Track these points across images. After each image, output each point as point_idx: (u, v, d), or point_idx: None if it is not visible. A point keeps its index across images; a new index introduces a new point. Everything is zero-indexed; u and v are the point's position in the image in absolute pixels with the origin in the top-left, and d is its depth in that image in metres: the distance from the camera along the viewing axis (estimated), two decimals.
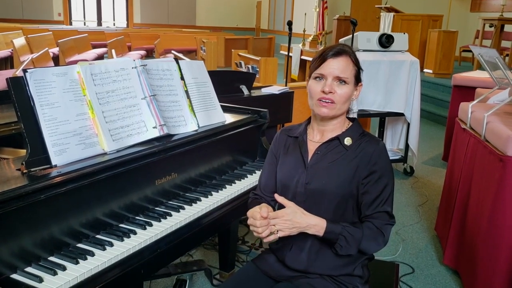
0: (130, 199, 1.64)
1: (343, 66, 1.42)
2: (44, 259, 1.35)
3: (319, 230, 1.38)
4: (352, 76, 1.44)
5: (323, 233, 1.38)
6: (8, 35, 9.11)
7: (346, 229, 1.38)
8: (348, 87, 1.44)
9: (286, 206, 1.37)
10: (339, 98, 1.43)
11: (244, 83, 3.38)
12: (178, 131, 1.89)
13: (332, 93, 1.42)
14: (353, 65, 1.45)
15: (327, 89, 1.42)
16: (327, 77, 1.43)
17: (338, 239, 1.38)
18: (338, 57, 1.43)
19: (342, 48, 1.45)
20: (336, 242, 1.39)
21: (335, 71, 1.42)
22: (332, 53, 1.43)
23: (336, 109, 1.44)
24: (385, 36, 4.14)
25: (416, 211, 3.60)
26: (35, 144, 1.44)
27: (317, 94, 1.44)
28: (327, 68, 1.43)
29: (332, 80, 1.43)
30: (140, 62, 1.83)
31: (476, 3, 11.32)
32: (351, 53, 1.46)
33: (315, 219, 1.38)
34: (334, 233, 1.38)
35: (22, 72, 1.47)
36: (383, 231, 1.43)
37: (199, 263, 2.46)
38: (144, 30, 15.21)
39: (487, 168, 2.32)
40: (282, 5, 16.62)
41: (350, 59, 1.44)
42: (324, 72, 1.43)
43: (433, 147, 5.41)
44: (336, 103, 1.43)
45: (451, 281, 2.63)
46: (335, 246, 1.40)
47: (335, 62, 1.42)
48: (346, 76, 1.43)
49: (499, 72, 2.74)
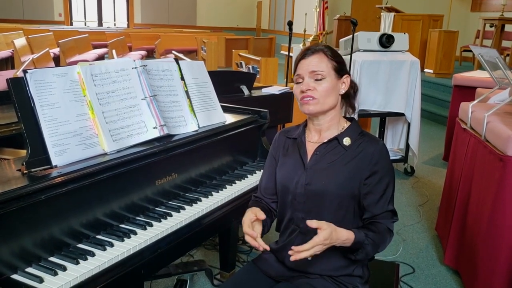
0: (130, 199, 1.64)
1: (316, 62, 1.45)
2: (45, 259, 1.36)
3: (348, 243, 1.36)
4: (329, 69, 1.45)
5: (350, 245, 1.37)
6: (9, 36, 9.11)
7: (368, 236, 1.39)
8: (326, 81, 1.45)
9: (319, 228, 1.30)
10: (320, 94, 1.44)
11: (245, 83, 3.38)
12: (178, 132, 1.89)
13: (311, 90, 1.44)
14: (328, 59, 1.46)
15: (304, 87, 1.45)
16: (303, 76, 1.46)
17: (361, 247, 1.38)
18: (310, 56, 1.46)
19: (313, 47, 1.49)
20: (358, 250, 1.39)
21: (308, 67, 1.45)
22: (304, 53, 1.47)
23: (320, 103, 1.45)
24: (386, 36, 4.14)
25: (417, 211, 3.60)
26: (35, 145, 1.44)
27: (298, 95, 1.48)
28: (301, 67, 1.47)
29: (308, 77, 1.45)
30: (140, 62, 1.83)
31: (476, 3, 11.31)
32: (325, 49, 1.48)
33: (345, 233, 1.35)
34: (359, 243, 1.38)
35: (22, 72, 1.47)
36: (391, 228, 1.45)
37: (199, 263, 2.46)
38: (145, 30, 15.21)
39: (487, 168, 2.32)
40: (283, 5, 16.61)
41: (323, 54, 1.46)
42: (299, 72, 1.47)
43: (434, 147, 5.41)
44: (318, 98, 1.44)
45: (452, 281, 2.63)
46: (355, 253, 1.40)
47: (308, 61, 1.46)
48: (320, 70, 1.44)
49: (499, 72, 2.74)
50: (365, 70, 4.06)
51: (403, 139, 4.47)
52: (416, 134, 4.28)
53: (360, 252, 1.40)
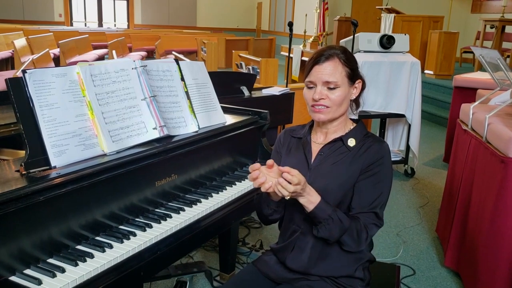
0: (130, 200, 1.63)
1: (331, 70, 1.41)
2: (43, 261, 1.35)
3: (312, 202, 1.34)
4: (342, 77, 1.42)
5: (313, 208, 1.34)
6: (9, 36, 9.11)
7: (336, 213, 1.36)
8: (340, 90, 1.42)
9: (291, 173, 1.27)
10: (333, 102, 1.42)
11: (245, 84, 3.37)
12: (178, 132, 1.88)
13: (324, 99, 1.42)
14: (343, 66, 1.43)
15: (317, 96, 1.41)
16: (316, 83, 1.42)
17: (325, 219, 1.35)
18: (325, 62, 1.41)
19: (328, 52, 1.43)
20: (321, 222, 1.36)
21: (323, 77, 1.41)
22: (318, 59, 1.42)
23: (331, 112, 1.44)
24: (386, 37, 4.14)
25: (417, 212, 3.59)
26: (34, 145, 1.43)
27: (310, 101, 1.45)
28: (315, 74, 1.42)
29: (321, 86, 1.42)
30: (140, 62, 1.82)
31: (477, 4, 11.32)
32: (339, 54, 1.43)
33: (313, 191, 1.34)
34: (324, 211, 1.34)
35: (21, 72, 1.46)
36: (368, 229, 1.41)
37: (199, 265, 2.45)
38: (145, 31, 15.21)
39: (489, 169, 2.31)
40: (283, 6, 16.62)
41: (338, 61, 1.42)
42: (312, 79, 1.43)
43: (434, 148, 5.41)
44: (330, 107, 1.42)
45: (452, 283, 2.62)
46: (319, 226, 1.37)
47: (321, 68, 1.41)
48: (335, 80, 1.41)
49: (500, 73, 2.73)
50: (365, 71, 4.03)
51: (404, 140, 4.46)
52: (416, 136, 4.28)
53: (324, 225, 1.35)
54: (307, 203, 1.34)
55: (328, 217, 1.35)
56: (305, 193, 1.32)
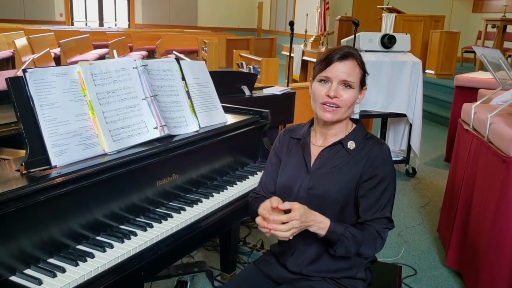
0: (130, 200, 1.62)
1: (350, 69, 1.38)
2: (44, 261, 1.34)
3: (323, 228, 1.33)
4: (358, 80, 1.41)
5: (325, 232, 1.34)
6: (10, 36, 9.10)
7: (348, 230, 1.35)
8: (353, 92, 1.40)
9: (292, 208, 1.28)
10: (345, 103, 1.40)
11: (246, 84, 3.36)
12: (179, 132, 1.87)
13: (338, 97, 1.39)
14: (360, 69, 1.41)
15: (332, 93, 1.38)
16: (332, 80, 1.39)
17: (339, 240, 1.34)
18: (345, 60, 1.38)
19: (349, 50, 1.40)
20: (336, 243, 1.35)
21: (341, 75, 1.38)
22: (339, 56, 1.38)
23: (340, 113, 1.41)
24: (387, 36, 4.13)
25: (418, 212, 3.58)
26: (34, 145, 1.43)
27: (321, 97, 1.40)
28: (333, 71, 1.39)
29: (337, 84, 1.39)
30: (141, 62, 1.81)
31: (478, 4, 11.30)
32: (358, 56, 1.42)
33: (320, 217, 1.33)
34: (336, 233, 1.34)
35: (22, 72, 1.46)
36: (382, 234, 1.40)
37: (200, 265, 2.45)
38: (146, 30, 15.20)
39: (490, 169, 2.30)
40: (284, 6, 16.61)
41: (356, 62, 1.40)
42: (329, 75, 1.39)
43: (435, 148, 5.40)
44: (341, 107, 1.40)
45: (454, 283, 2.61)
46: (335, 247, 1.36)
47: (341, 66, 1.38)
48: (352, 80, 1.39)
49: (502, 73, 2.73)
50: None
51: (405, 140, 4.46)
52: (417, 135, 4.27)
53: (339, 245, 1.35)
54: (318, 230, 1.33)
55: (341, 236, 1.34)
56: (312, 221, 1.31)
